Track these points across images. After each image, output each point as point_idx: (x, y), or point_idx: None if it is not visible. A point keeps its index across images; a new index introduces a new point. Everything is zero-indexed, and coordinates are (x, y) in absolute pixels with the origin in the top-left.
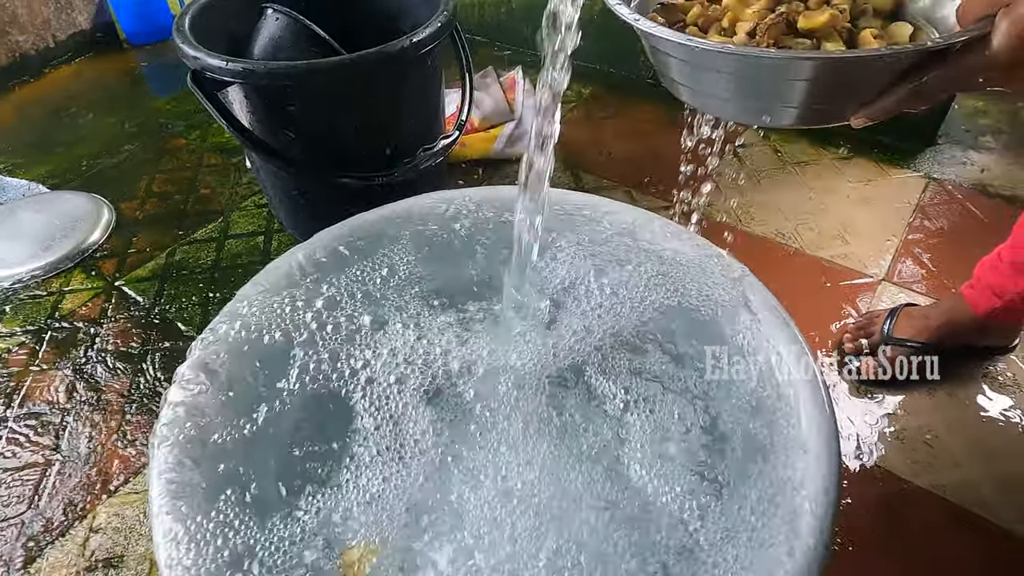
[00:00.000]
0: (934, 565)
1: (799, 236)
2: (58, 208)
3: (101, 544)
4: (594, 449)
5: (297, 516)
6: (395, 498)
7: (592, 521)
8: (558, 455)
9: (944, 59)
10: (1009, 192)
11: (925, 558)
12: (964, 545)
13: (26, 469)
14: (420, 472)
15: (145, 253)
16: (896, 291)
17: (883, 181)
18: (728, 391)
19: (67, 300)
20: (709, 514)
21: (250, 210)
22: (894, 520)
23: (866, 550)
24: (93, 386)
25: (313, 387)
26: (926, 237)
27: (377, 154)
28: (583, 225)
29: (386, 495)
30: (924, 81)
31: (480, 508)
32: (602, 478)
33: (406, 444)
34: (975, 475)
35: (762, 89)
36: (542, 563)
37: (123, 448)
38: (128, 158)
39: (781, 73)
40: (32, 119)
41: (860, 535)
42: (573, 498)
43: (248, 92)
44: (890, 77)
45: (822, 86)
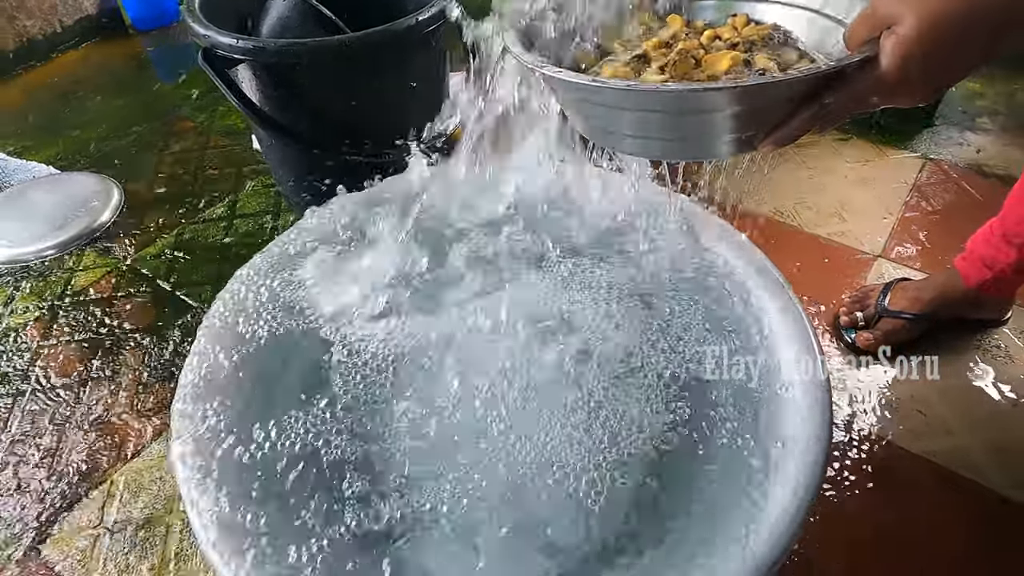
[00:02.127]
0: (925, 526)
1: (797, 215)
2: (68, 189)
3: (119, 508)
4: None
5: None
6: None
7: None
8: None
9: (841, 82)
10: (1004, 172)
11: (915, 518)
12: (953, 507)
13: (44, 436)
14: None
15: (155, 232)
16: (892, 267)
17: (881, 161)
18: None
19: (80, 278)
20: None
21: (258, 190)
22: (886, 483)
23: (857, 511)
24: (107, 359)
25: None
26: (922, 215)
27: (384, 132)
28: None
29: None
30: (825, 104)
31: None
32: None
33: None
34: (966, 442)
35: (677, 124)
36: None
37: (138, 417)
38: (136, 140)
39: (688, 104)
40: (40, 103)
41: (852, 498)
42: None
43: (257, 70)
44: (790, 104)
45: (731, 115)
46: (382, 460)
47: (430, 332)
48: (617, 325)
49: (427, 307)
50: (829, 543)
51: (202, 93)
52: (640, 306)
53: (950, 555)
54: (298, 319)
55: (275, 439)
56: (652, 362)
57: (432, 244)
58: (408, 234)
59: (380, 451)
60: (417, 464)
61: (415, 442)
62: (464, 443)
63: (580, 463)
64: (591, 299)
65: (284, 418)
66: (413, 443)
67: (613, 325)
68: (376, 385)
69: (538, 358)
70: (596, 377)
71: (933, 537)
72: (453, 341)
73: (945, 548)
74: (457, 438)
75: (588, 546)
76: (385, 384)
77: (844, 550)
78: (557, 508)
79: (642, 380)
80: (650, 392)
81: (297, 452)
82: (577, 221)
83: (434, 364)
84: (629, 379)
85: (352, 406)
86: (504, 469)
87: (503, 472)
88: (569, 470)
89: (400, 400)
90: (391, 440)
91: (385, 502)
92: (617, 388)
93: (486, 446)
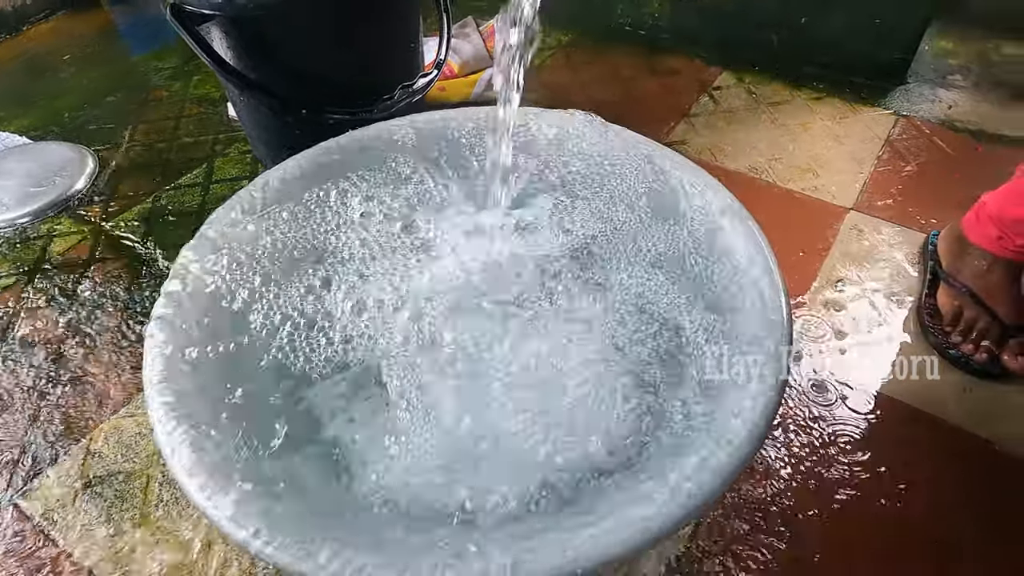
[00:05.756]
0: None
1: (771, 171)
2: (42, 158)
3: (99, 463)
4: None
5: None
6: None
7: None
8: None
9: None
10: (976, 127)
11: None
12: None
13: (24, 395)
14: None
15: (130, 199)
16: (863, 218)
17: (854, 118)
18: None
19: (56, 244)
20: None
21: (234, 156)
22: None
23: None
24: (86, 321)
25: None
26: (894, 170)
27: (357, 90)
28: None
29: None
30: None
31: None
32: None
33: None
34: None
35: None
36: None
37: (118, 375)
38: (110, 109)
39: None
40: (11, 74)
41: (840, 452)
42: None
43: (227, 26)
44: None
45: None
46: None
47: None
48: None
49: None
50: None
51: (177, 63)
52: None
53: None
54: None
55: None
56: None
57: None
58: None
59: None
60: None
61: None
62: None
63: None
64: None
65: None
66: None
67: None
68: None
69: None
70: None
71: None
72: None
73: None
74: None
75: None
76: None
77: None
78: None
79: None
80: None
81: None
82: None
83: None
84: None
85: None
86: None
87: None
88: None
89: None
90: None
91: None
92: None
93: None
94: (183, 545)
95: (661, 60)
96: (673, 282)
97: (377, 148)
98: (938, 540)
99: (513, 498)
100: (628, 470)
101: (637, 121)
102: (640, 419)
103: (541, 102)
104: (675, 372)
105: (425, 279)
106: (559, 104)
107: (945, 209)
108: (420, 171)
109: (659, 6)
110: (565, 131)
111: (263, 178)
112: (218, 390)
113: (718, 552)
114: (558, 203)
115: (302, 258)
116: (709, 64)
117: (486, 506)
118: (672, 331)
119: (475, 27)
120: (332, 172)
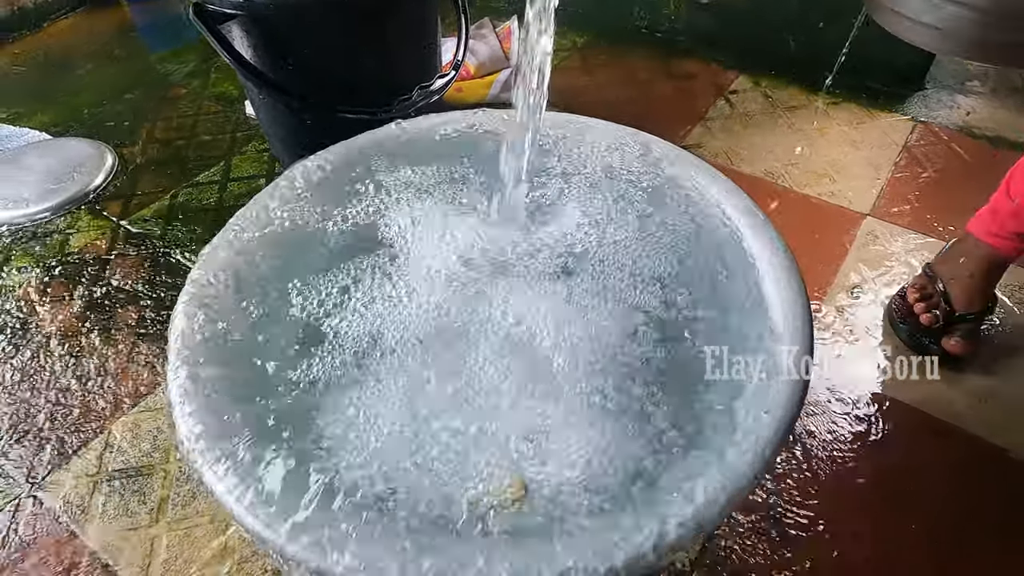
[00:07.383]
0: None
1: (787, 175)
2: (62, 154)
3: (117, 457)
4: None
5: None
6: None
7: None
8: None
9: None
10: (993, 134)
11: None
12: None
13: (44, 388)
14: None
15: (149, 195)
16: (880, 225)
17: (871, 124)
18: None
19: (75, 239)
20: None
21: (251, 155)
22: (870, 430)
23: (840, 459)
24: (104, 316)
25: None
26: (911, 176)
27: (376, 90)
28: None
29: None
30: None
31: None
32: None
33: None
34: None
35: None
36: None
37: (136, 371)
38: (129, 107)
39: None
40: (32, 70)
41: (834, 443)
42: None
43: (248, 26)
44: None
45: None
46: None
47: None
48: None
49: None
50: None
51: (195, 62)
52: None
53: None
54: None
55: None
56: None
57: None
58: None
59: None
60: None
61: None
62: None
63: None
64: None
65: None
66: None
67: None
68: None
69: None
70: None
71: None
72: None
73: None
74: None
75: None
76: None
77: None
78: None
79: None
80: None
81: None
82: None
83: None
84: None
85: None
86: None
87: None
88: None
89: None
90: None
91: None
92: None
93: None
94: (199, 540)
95: (677, 63)
96: (690, 290)
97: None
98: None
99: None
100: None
101: (653, 124)
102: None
103: (557, 104)
104: (682, 374)
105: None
106: (575, 107)
107: (962, 216)
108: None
109: (675, 8)
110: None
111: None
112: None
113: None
114: (570, 194)
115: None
116: (726, 68)
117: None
118: (687, 338)
119: (492, 28)
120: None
